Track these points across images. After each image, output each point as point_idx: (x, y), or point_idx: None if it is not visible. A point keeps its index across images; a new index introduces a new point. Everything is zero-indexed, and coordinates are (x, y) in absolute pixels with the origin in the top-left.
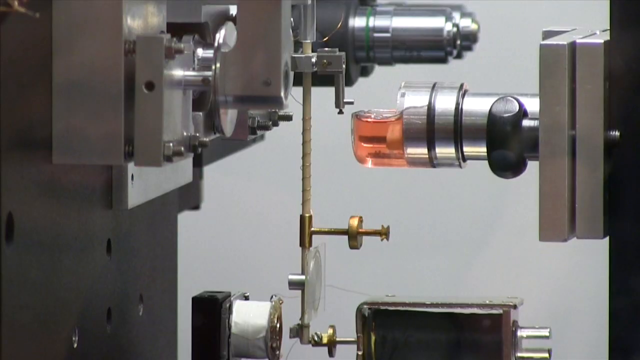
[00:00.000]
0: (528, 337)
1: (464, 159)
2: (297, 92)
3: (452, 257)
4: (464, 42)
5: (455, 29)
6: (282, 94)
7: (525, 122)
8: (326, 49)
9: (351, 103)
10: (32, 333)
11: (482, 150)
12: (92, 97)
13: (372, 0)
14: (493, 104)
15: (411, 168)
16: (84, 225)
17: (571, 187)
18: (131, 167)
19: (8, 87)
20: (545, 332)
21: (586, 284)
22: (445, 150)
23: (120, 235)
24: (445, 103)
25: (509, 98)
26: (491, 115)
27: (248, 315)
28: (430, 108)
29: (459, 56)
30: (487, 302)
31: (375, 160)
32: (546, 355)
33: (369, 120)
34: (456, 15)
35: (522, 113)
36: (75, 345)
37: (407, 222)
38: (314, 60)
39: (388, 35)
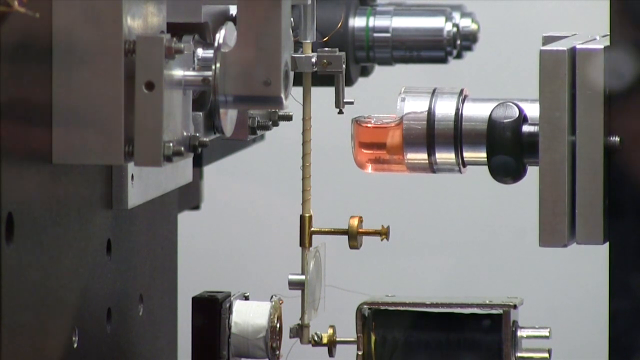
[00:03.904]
0: (528, 337)
1: (464, 164)
2: (297, 92)
3: (452, 257)
4: (463, 42)
5: (455, 29)
6: (282, 94)
7: (525, 128)
8: (326, 49)
9: (351, 103)
10: (32, 333)
11: (482, 155)
12: (92, 97)
13: (372, 0)
14: (493, 109)
15: (411, 173)
16: (83, 225)
17: (571, 193)
18: (131, 167)
19: (8, 87)
20: (545, 332)
21: (586, 284)
22: (445, 156)
23: (120, 235)
24: (445, 108)
25: (509, 103)
26: (491, 121)
27: (248, 315)
28: (430, 113)
29: (458, 56)
30: (487, 302)
31: (375, 165)
32: (546, 355)
33: (368, 125)
34: (456, 15)
35: (522, 118)
36: (75, 345)
37: (408, 222)
38: (314, 60)
39: (388, 35)
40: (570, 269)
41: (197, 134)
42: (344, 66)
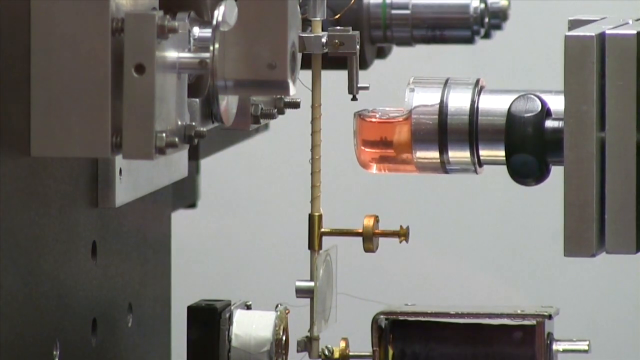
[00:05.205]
0: (565, 350)
1: (480, 163)
2: (305, 76)
3: (480, 262)
4: (492, 20)
5: (483, 5)
6: (289, 79)
7: (549, 123)
8: (338, 27)
9: (366, 88)
10: (9, 346)
11: (500, 154)
12: (75, 81)
13: None
14: (512, 102)
15: (421, 174)
16: (66, 226)
17: (600, 196)
18: (119, 161)
19: None
20: (584, 346)
21: (629, 290)
22: (459, 154)
23: (107, 237)
24: (459, 101)
25: (531, 96)
26: (510, 115)
27: (250, 327)
28: (443, 106)
29: (487, 36)
30: (519, 311)
31: (380, 165)
32: None
33: (373, 120)
34: None
35: (545, 112)
36: (56, 359)
37: (429, 223)
38: (324, 40)
39: (407, 12)
40: (611, 274)
41: (193, 123)
42: (357, 47)
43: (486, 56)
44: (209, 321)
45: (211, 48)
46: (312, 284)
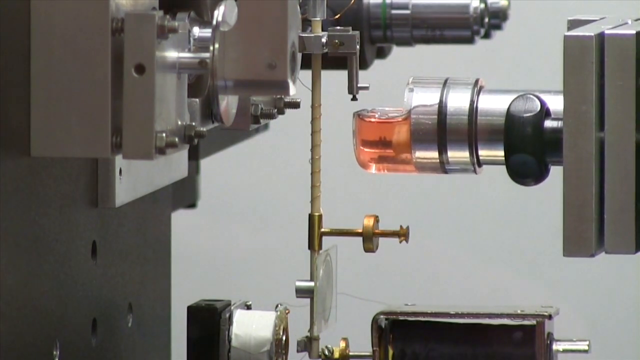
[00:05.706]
0: (565, 351)
1: (480, 163)
2: (305, 76)
3: (479, 262)
4: (492, 20)
5: (483, 5)
6: (289, 79)
7: (548, 123)
8: (338, 27)
9: (366, 88)
10: (8, 347)
11: (499, 154)
12: (75, 81)
13: None
14: (512, 102)
15: (420, 174)
16: (66, 226)
17: (599, 196)
18: (119, 161)
19: None
20: (584, 346)
21: (630, 290)
22: (458, 154)
23: (107, 237)
24: (458, 101)
25: (530, 96)
26: (510, 115)
27: (250, 327)
28: (442, 106)
29: (486, 36)
30: (519, 311)
31: (379, 165)
32: None
33: (372, 120)
34: None
35: (544, 112)
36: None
37: (429, 222)
38: (324, 40)
39: (407, 12)
40: (611, 274)
41: (193, 123)
42: (357, 47)
43: (486, 56)
44: (209, 321)
45: (211, 48)
46: (312, 284)
